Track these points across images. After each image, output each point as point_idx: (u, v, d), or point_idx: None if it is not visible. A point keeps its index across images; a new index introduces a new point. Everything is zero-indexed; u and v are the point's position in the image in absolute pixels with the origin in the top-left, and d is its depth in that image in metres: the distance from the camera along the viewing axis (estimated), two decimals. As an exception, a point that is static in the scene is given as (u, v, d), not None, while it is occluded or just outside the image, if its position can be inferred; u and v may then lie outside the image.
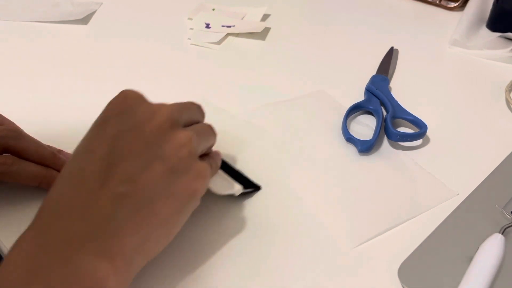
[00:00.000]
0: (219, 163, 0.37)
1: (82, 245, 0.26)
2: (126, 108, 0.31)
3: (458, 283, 0.32)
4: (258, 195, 0.40)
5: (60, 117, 0.47)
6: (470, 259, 0.33)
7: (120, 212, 0.27)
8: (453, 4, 0.71)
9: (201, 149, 0.33)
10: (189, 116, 0.34)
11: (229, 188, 0.38)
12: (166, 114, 0.31)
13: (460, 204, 0.39)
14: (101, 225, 0.27)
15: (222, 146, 0.43)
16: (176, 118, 0.31)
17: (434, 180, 0.42)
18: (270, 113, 0.49)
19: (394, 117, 0.48)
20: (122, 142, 0.29)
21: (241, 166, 0.42)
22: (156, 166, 0.29)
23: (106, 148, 0.29)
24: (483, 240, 0.34)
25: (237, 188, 0.38)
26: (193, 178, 0.31)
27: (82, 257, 0.25)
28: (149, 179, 0.29)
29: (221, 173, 0.38)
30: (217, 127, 0.37)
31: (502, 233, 0.34)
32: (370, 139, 0.45)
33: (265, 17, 0.67)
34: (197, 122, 0.35)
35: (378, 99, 0.50)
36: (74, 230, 0.26)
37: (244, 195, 0.39)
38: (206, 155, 0.35)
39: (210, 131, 0.36)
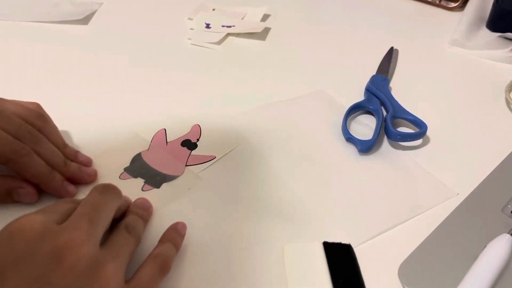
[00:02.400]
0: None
1: None
2: (22, 253, 0.25)
3: (458, 282, 0.32)
4: (258, 194, 0.40)
5: (58, 117, 0.47)
6: (470, 258, 0.33)
7: None
8: (453, 4, 0.71)
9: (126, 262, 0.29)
10: (102, 227, 0.28)
11: None
12: (79, 251, 0.25)
13: (460, 204, 0.39)
14: None
15: (222, 146, 0.44)
16: (93, 249, 0.26)
17: (434, 180, 0.42)
18: (270, 113, 0.49)
19: (394, 117, 0.48)
20: None
21: (241, 166, 0.42)
22: None
23: None
24: (483, 239, 0.34)
25: None
26: None
27: None
28: None
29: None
30: (217, 127, 0.37)
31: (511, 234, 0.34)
32: (370, 139, 0.45)
33: (265, 17, 0.67)
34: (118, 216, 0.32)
35: (378, 99, 0.50)
36: None
37: None
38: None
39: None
